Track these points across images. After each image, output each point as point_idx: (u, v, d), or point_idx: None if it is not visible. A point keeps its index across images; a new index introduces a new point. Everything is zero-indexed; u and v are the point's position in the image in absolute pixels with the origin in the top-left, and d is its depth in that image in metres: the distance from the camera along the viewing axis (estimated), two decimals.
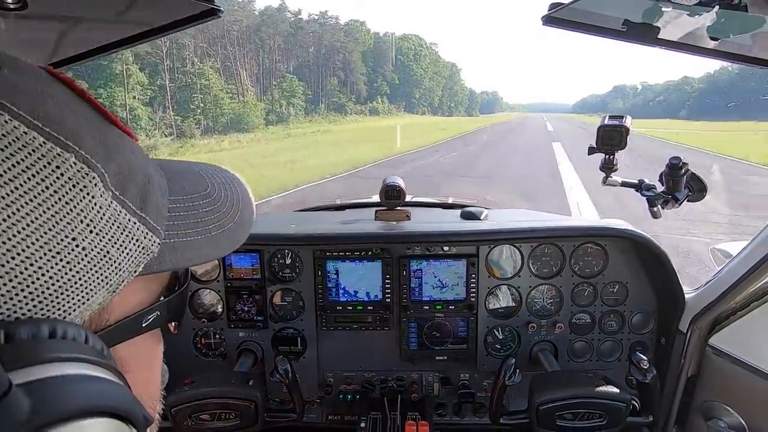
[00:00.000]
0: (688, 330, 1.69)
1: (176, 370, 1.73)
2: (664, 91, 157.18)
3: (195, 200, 0.53)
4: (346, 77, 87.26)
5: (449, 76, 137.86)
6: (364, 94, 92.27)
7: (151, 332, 0.52)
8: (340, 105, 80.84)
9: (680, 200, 1.46)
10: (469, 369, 1.96)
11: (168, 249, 0.47)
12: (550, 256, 1.88)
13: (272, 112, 61.03)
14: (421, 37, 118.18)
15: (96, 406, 0.34)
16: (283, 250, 1.90)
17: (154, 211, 0.46)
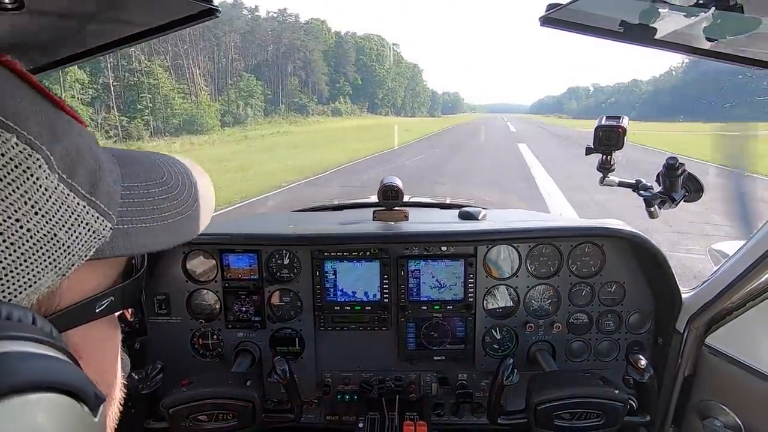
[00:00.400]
0: (684, 330, 1.70)
1: (174, 371, 1.74)
2: (615, 92, 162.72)
3: (150, 188, 0.53)
4: (307, 77, 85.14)
5: (411, 76, 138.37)
6: (326, 94, 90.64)
7: (107, 318, 0.51)
8: (301, 105, 78.86)
9: (677, 200, 1.46)
10: (467, 369, 1.96)
11: (121, 234, 0.47)
12: (548, 256, 1.89)
13: (229, 113, 58.98)
14: (383, 38, 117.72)
15: (42, 381, 0.33)
16: (281, 251, 1.90)
17: (105, 195, 0.45)
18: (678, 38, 1.05)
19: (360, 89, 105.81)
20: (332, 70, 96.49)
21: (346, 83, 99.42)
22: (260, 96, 66.32)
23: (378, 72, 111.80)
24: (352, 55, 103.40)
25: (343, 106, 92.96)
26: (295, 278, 1.92)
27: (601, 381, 1.56)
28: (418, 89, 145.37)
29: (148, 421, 1.80)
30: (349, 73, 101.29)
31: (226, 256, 1.89)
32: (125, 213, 0.48)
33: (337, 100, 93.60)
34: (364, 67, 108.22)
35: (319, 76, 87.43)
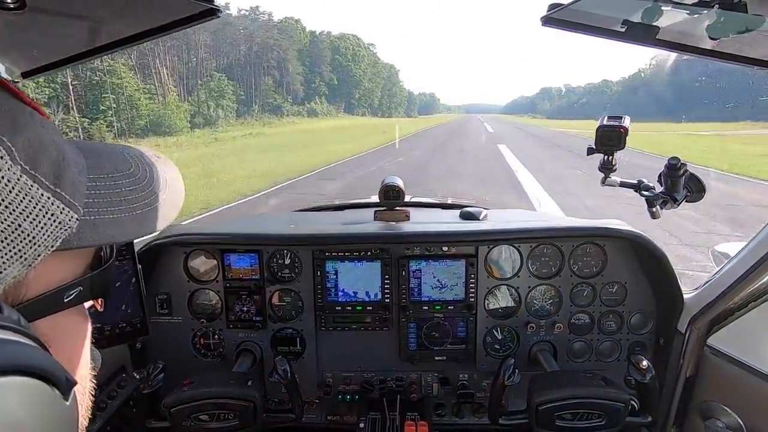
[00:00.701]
0: (686, 330, 1.70)
1: (175, 371, 1.74)
2: (586, 93, 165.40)
3: (117, 179, 0.53)
4: (282, 77, 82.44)
5: (388, 77, 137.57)
6: (301, 94, 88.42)
7: (76, 309, 0.52)
8: (275, 106, 76.63)
9: (679, 200, 1.46)
10: (469, 369, 1.96)
11: (88, 225, 0.47)
12: (549, 257, 1.89)
13: (199, 114, 56.34)
14: (359, 37, 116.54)
15: (12, 364, 0.33)
16: (282, 251, 1.90)
17: (70, 186, 0.45)
18: (681, 37, 1.05)
19: (336, 89, 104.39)
20: (307, 70, 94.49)
21: (322, 83, 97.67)
22: (232, 96, 64.11)
23: (354, 72, 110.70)
24: (328, 55, 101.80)
25: (319, 107, 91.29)
26: (296, 278, 1.92)
27: (603, 381, 1.56)
28: (394, 90, 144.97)
29: (150, 420, 1.80)
30: (324, 73, 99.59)
31: (227, 256, 1.89)
32: (92, 204, 0.48)
33: (313, 100, 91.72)
34: (340, 67, 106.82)
35: (293, 76, 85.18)
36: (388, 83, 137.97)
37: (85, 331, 0.56)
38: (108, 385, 1.66)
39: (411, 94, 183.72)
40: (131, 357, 1.83)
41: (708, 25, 0.87)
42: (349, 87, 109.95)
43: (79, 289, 0.50)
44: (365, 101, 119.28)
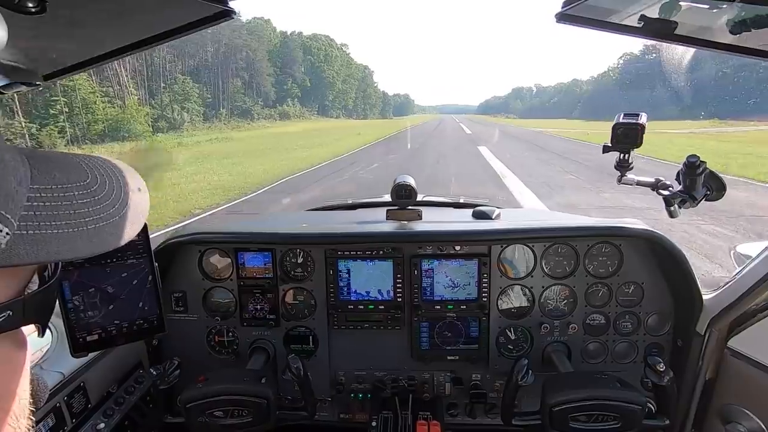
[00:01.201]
0: (706, 332, 1.66)
1: (190, 367, 1.77)
2: (557, 92, 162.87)
3: (68, 191, 0.48)
4: (251, 79, 78.35)
5: (362, 78, 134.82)
6: (272, 97, 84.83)
7: (8, 336, 0.46)
8: (245, 109, 72.82)
9: (698, 199, 1.42)
10: (481, 369, 1.95)
11: (25, 241, 0.43)
12: (564, 256, 1.86)
13: (163, 118, 52.41)
14: (332, 38, 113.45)
15: None
16: (295, 250, 1.92)
17: (3, 197, 0.41)
18: (700, 32, 1.02)
19: (309, 91, 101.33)
20: (279, 71, 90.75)
21: (294, 85, 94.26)
22: (197, 99, 59.99)
23: (327, 73, 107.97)
24: (299, 56, 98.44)
25: (291, 109, 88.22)
26: (308, 277, 1.93)
27: (619, 383, 1.53)
28: (369, 91, 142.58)
29: (166, 416, 1.83)
30: (296, 75, 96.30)
31: (241, 254, 1.91)
32: (32, 218, 0.44)
33: (285, 102, 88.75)
34: (312, 68, 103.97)
35: (264, 78, 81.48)
36: (363, 84, 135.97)
37: (19, 362, 0.50)
38: (126, 381, 1.70)
39: (386, 95, 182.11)
40: (148, 353, 1.86)
41: (728, 19, 0.84)
42: (323, 88, 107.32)
43: (8, 313, 0.44)
44: (339, 103, 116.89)
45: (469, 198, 2.89)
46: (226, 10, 0.97)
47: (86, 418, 1.48)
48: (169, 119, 53.71)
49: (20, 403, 0.49)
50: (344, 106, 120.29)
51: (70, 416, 1.41)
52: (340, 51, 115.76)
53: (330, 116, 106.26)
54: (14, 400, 0.48)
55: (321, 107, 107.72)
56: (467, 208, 2.29)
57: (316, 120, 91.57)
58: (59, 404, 1.38)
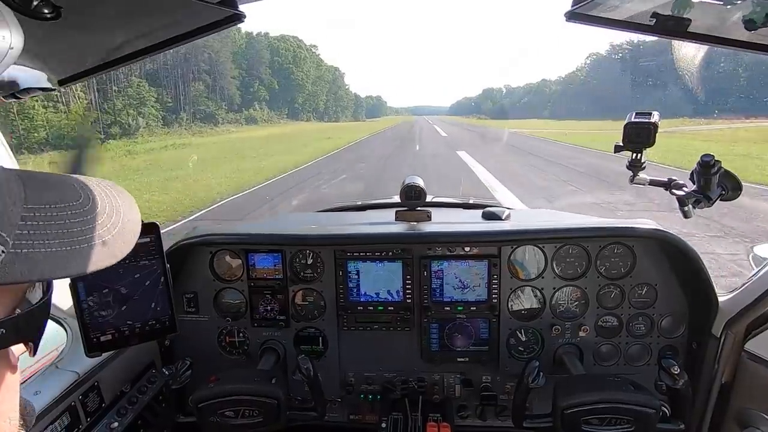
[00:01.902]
0: (721, 334, 1.62)
1: (202, 367, 1.79)
2: (526, 93, 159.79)
3: (61, 210, 0.49)
4: (215, 82, 72.19)
5: (333, 80, 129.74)
6: (237, 100, 78.29)
7: (2, 356, 0.47)
8: (208, 114, 67.48)
9: (713, 199, 1.40)
10: (491, 371, 1.94)
11: (19, 259, 0.43)
12: (575, 257, 1.84)
13: (116, 124, 47.63)
14: (300, 39, 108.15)
15: None
16: (304, 251, 1.92)
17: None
18: (714, 29, 1.01)
19: (278, 94, 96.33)
20: (244, 74, 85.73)
21: (261, 88, 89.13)
22: (155, 104, 54.91)
23: (296, 75, 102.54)
24: (266, 57, 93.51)
25: (258, 113, 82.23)
26: (318, 278, 1.94)
27: (632, 386, 1.51)
28: (340, 93, 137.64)
29: (178, 415, 1.86)
30: (264, 77, 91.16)
31: (251, 255, 1.92)
32: (25, 236, 0.44)
33: (252, 106, 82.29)
34: (280, 69, 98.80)
35: (228, 81, 75.58)
36: (333, 86, 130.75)
37: (10, 382, 0.50)
38: (138, 381, 1.72)
39: (358, 97, 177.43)
40: (160, 354, 1.89)
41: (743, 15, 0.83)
42: (292, 91, 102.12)
43: (0, 331, 0.45)
44: (310, 106, 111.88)
45: (479, 199, 2.88)
46: (236, 13, 0.98)
47: (100, 417, 1.51)
48: (123, 125, 49.10)
49: (9, 423, 0.49)
50: (315, 108, 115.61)
51: (85, 415, 1.44)
52: (309, 52, 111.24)
53: (300, 120, 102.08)
54: (3, 419, 0.49)
55: (291, 110, 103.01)
56: (477, 209, 2.28)
57: (286, 124, 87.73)
58: (74, 403, 1.40)
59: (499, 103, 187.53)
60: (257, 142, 37.62)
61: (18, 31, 0.69)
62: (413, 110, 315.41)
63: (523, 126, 61.08)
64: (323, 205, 2.07)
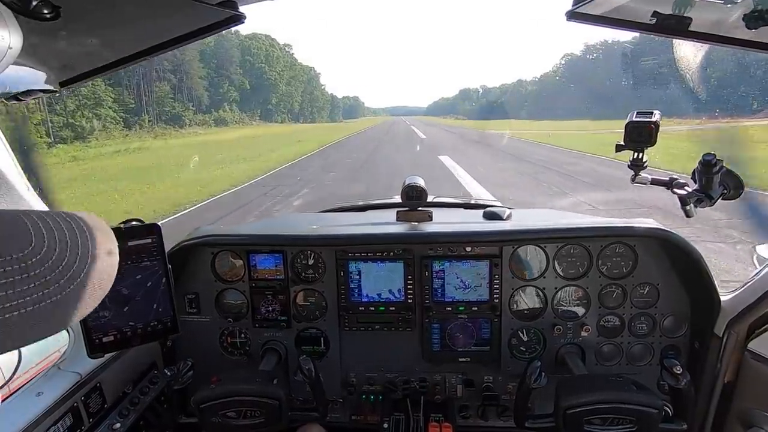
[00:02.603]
0: (724, 334, 1.62)
1: (203, 368, 1.79)
2: (503, 93, 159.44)
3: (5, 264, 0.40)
4: (181, 82, 68.85)
5: (308, 80, 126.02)
6: (206, 101, 74.81)
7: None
8: (175, 115, 63.40)
9: (714, 198, 1.39)
10: (493, 371, 1.93)
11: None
12: (577, 257, 1.84)
13: (68, 127, 43.25)
14: (273, 38, 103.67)
15: None
16: (306, 251, 1.93)
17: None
18: (715, 28, 1.00)
19: (249, 95, 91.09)
20: (213, 74, 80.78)
21: (232, 88, 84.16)
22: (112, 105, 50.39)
23: (269, 75, 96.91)
24: (237, 56, 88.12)
25: (229, 115, 79.06)
26: (319, 278, 1.94)
27: (634, 386, 1.50)
28: (316, 93, 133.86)
29: (180, 416, 1.86)
30: (234, 77, 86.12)
31: (253, 256, 1.93)
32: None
33: (222, 107, 79.12)
34: (252, 69, 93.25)
35: (195, 81, 72.09)
36: (309, 86, 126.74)
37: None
38: (140, 382, 1.73)
39: (334, 98, 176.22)
40: (162, 354, 1.89)
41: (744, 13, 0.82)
42: (265, 91, 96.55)
43: None
44: (284, 106, 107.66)
45: (480, 198, 2.87)
46: (236, 14, 0.98)
47: (102, 418, 1.51)
48: (77, 127, 43.99)
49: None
50: (290, 109, 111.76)
51: (87, 416, 1.44)
52: (283, 52, 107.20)
53: (274, 121, 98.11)
54: None
55: (264, 111, 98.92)
56: (478, 209, 2.28)
57: (258, 125, 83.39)
58: (77, 404, 1.40)
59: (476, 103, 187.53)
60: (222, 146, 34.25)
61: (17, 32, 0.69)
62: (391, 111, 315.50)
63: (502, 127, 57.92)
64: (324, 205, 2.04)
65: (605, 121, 44.02)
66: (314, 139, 39.78)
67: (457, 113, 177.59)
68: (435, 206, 2.24)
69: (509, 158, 21.55)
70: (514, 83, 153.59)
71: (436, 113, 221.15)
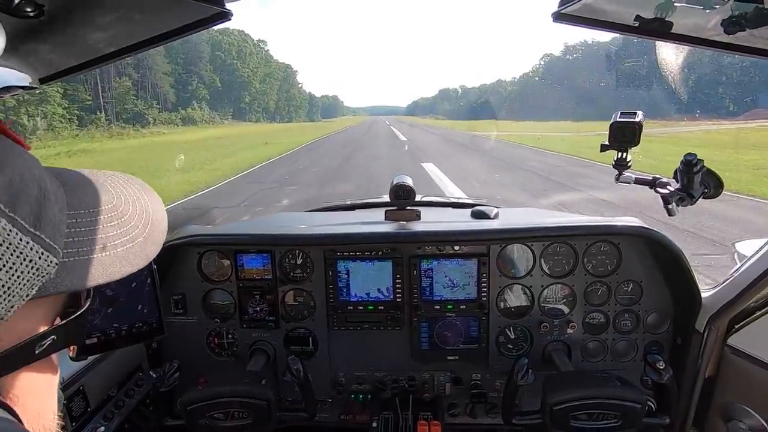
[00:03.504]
0: (705, 330, 1.66)
1: (190, 370, 1.77)
2: (483, 93, 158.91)
3: (98, 214, 0.48)
4: (144, 78, 65.34)
5: (284, 78, 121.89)
6: (172, 99, 70.89)
7: (47, 359, 0.48)
8: (137, 113, 59.69)
9: (696, 197, 1.43)
10: (481, 369, 1.95)
11: (67, 269, 0.43)
12: (563, 255, 1.86)
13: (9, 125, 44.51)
14: (247, 33, 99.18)
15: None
16: (294, 251, 1.92)
17: (50, 227, 0.41)
18: (695, 31, 1.03)
19: (221, 93, 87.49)
20: (180, 70, 76.28)
21: (201, 85, 79.99)
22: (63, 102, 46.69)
23: (241, 72, 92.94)
24: (207, 52, 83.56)
25: (198, 113, 74.23)
26: (308, 278, 1.93)
27: (619, 382, 1.53)
28: (292, 92, 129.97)
29: (166, 418, 1.83)
30: (204, 74, 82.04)
31: (240, 256, 1.91)
32: (71, 244, 0.44)
33: (190, 105, 74.41)
34: (223, 66, 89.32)
35: (160, 77, 68.20)
36: (285, 84, 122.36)
37: (54, 381, 0.52)
38: (125, 384, 1.70)
39: (312, 97, 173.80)
40: (147, 356, 1.86)
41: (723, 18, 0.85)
42: (237, 89, 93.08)
43: (52, 338, 0.46)
44: (259, 105, 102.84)
45: (468, 198, 2.89)
46: (223, 11, 0.97)
47: (86, 422, 1.48)
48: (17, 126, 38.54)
49: (54, 416, 0.52)
50: (265, 108, 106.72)
51: (70, 420, 1.41)
52: (257, 48, 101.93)
53: (248, 120, 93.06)
54: (53, 413, 0.51)
55: (237, 110, 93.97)
56: (466, 208, 2.29)
57: (230, 125, 79.09)
58: None
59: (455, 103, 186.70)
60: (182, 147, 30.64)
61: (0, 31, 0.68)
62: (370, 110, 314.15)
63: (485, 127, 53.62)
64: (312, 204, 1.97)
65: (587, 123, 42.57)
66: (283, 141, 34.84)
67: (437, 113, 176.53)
68: (423, 205, 2.25)
69: (503, 167, 18.00)
70: (494, 83, 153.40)
71: (416, 113, 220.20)
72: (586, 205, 10.43)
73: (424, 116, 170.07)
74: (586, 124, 41.93)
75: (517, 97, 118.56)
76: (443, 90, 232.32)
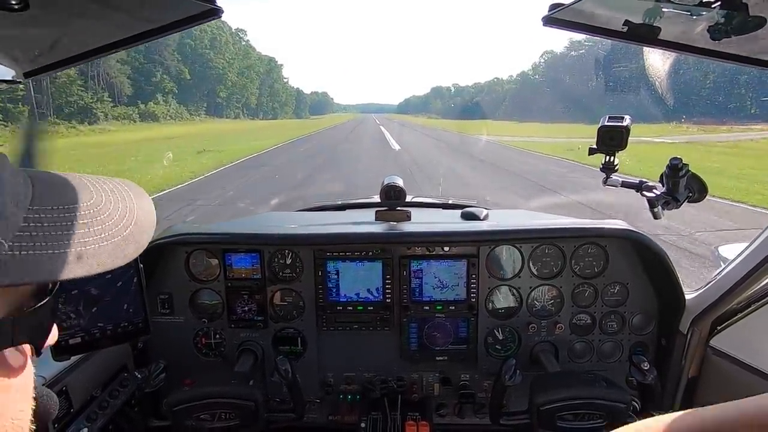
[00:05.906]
0: (688, 331, 1.69)
1: (176, 370, 1.75)
2: (477, 92, 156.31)
3: (69, 211, 0.49)
4: (94, 66, 56.66)
5: (267, 71, 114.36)
6: (128, 91, 62.95)
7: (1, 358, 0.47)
8: (83, 107, 51.57)
9: (681, 201, 1.45)
10: (470, 369, 1.96)
11: (16, 261, 0.43)
12: (551, 257, 1.88)
13: None
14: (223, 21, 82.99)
15: None
16: (283, 251, 1.90)
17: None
18: (682, 38, 1.05)
19: (190, 86, 78.92)
20: (141, 58, 68.61)
21: (167, 77, 72.47)
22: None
23: (215, 63, 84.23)
24: (173, 40, 73.23)
25: (160, 108, 66.65)
26: (297, 278, 1.92)
27: (605, 382, 1.55)
28: (277, 87, 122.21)
29: (151, 419, 1.81)
30: (170, 64, 74.03)
31: (228, 255, 1.89)
32: (27, 238, 0.44)
33: (154, 99, 67.48)
34: (193, 56, 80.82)
35: (112, 65, 60.25)
36: (268, 79, 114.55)
37: (11, 384, 0.49)
38: (110, 384, 1.67)
39: (301, 93, 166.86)
40: (133, 356, 1.83)
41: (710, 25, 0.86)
42: (210, 82, 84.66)
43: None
44: (238, 100, 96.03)
45: (458, 199, 2.91)
46: (214, 8, 0.96)
47: (68, 423, 1.45)
48: None
49: (13, 423, 0.49)
50: (245, 104, 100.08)
51: (51, 421, 1.38)
52: (235, 37, 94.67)
53: (226, 116, 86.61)
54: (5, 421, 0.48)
55: (212, 106, 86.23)
56: (456, 209, 2.31)
57: (202, 121, 72.73)
58: None
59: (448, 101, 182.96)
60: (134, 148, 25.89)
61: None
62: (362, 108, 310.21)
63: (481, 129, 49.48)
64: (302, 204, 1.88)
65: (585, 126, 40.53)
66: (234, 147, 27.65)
67: (429, 112, 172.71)
68: (413, 206, 2.26)
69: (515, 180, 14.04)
70: (491, 81, 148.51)
71: (408, 111, 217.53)
72: None
73: (416, 115, 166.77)
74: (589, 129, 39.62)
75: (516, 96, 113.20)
76: (436, 88, 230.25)
